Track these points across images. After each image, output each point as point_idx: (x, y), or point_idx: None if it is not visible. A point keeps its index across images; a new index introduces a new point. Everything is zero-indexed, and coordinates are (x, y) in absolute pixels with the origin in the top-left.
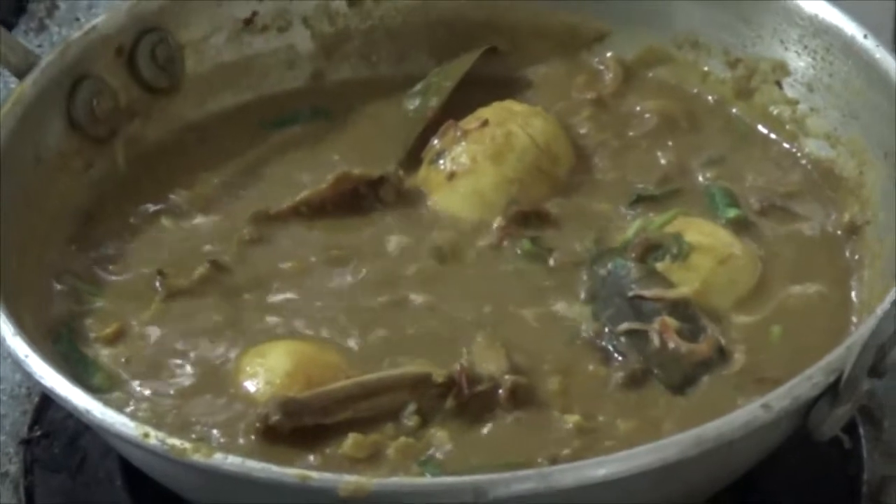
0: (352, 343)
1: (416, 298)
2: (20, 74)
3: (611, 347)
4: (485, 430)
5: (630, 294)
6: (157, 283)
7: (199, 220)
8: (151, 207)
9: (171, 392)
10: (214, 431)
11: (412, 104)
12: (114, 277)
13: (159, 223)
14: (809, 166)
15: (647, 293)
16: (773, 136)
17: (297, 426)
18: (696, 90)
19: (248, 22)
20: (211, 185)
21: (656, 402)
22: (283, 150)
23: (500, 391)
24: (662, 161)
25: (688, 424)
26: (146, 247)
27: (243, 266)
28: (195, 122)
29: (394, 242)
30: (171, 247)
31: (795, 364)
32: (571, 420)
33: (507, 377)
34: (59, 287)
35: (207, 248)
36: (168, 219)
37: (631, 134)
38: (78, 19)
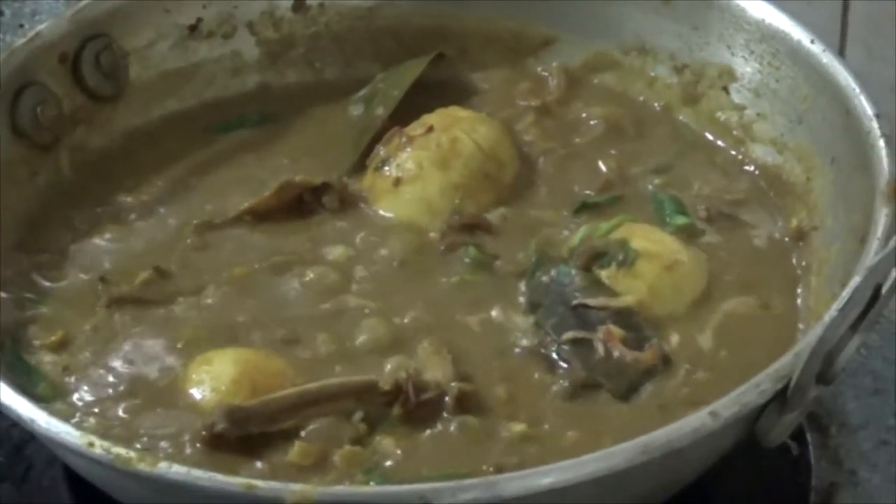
0: (297, 350)
1: (361, 305)
2: None
3: (555, 356)
4: (431, 438)
5: (574, 303)
6: (100, 290)
7: (143, 225)
8: (96, 213)
9: (116, 400)
10: (162, 443)
11: (357, 109)
12: (58, 284)
13: (104, 229)
14: (757, 172)
15: (591, 302)
16: (719, 142)
17: (244, 434)
18: (642, 97)
19: (193, 28)
20: (156, 190)
21: (602, 410)
22: (229, 155)
23: (447, 399)
24: (607, 168)
25: (634, 432)
26: (91, 253)
27: (187, 272)
28: (141, 128)
29: (338, 249)
30: (115, 253)
31: (742, 372)
32: (517, 428)
33: (453, 385)
34: (3, 295)
35: (151, 254)
36: (113, 225)
37: (577, 141)
38: (22, 26)
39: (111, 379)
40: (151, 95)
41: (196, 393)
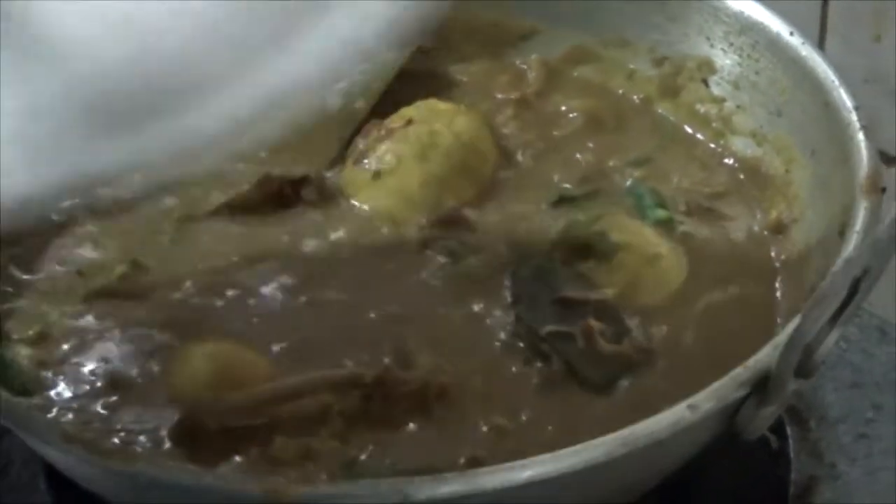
0: (275, 344)
1: (340, 299)
2: None
3: (535, 349)
4: (410, 432)
5: (554, 296)
6: (77, 283)
7: (121, 218)
8: (74, 206)
9: (94, 394)
10: (141, 438)
11: (337, 102)
12: (35, 277)
13: (81, 222)
14: (736, 165)
15: (571, 295)
16: (699, 135)
17: (222, 428)
18: (621, 89)
19: None
20: (135, 183)
21: (580, 403)
22: None
23: (426, 392)
24: (586, 161)
25: (613, 426)
26: (68, 246)
27: (165, 265)
28: None
29: (317, 242)
30: (92, 246)
31: (721, 365)
32: (497, 421)
33: (432, 378)
34: None
35: (129, 247)
36: (90, 217)
37: (556, 133)
38: None
39: (89, 374)
40: None
41: (174, 387)
